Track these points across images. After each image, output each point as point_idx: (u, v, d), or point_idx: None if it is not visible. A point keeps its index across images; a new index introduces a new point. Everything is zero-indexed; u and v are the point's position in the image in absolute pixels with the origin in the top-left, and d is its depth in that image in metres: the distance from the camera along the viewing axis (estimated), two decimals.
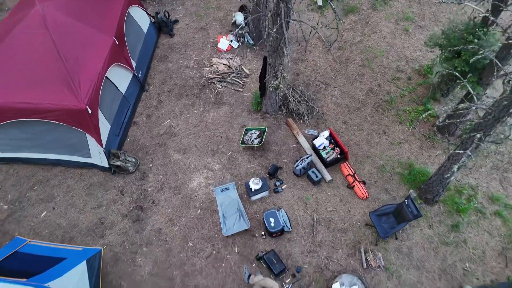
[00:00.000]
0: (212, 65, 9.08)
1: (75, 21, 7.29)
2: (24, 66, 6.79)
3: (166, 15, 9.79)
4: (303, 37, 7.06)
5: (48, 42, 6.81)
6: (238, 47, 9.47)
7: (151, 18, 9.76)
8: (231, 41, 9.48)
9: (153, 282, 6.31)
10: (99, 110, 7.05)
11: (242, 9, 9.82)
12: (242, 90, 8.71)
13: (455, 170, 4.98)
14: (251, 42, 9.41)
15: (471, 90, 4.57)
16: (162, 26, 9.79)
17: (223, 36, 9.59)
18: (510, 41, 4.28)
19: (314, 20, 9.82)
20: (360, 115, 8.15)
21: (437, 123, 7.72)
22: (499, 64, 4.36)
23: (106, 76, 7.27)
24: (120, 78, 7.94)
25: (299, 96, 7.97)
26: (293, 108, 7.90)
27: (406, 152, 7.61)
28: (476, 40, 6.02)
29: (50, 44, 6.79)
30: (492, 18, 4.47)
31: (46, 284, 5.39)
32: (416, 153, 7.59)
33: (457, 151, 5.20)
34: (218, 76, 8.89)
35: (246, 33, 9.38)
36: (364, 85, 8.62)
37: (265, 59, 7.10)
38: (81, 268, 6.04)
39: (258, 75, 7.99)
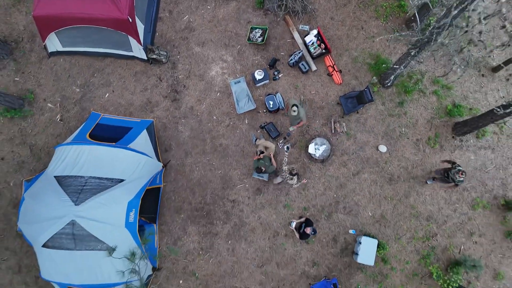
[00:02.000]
0: None
1: None
2: None
3: None
4: None
5: None
6: None
7: None
8: None
9: (192, 142, 9.55)
10: (135, 16, 8.94)
11: None
12: None
13: (403, 68, 7.30)
14: None
15: None
16: None
17: None
18: None
19: None
20: (345, 11, 9.88)
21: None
22: None
23: None
24: None
25: None
26: (290, 6, 9.59)
27: (376, 45, 9.72)
28: None
29: None
30: None
31: (128, 146, 8.59)
32: (384, 46, 9.72)
33: (410, 50, 7.37)
34: None
35: None
36: None
37: None
38: (144, 134, 9.14)
39: None
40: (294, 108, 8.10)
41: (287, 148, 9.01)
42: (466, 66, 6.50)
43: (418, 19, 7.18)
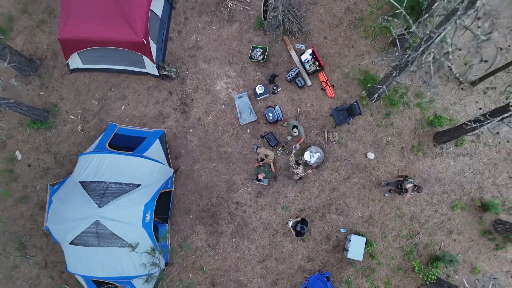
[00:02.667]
0: None
1: None
2: (97, 8, 9.40)
3: None
4: None
5: None
6: None
7: None
8: None
9: (199, 150, 10.61)
10: (149, 38, 10.01)
11: None
12: (249, 8, 11.19)
13: (385, 87, 8.36)
14: None
15: (407, 16, 7.19)
16: None
17: None
18: None
19: None
20: (337, 31, 10.93)
21: (391, 39, 10.60)
22: None
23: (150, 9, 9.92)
24: (156, 4, 10.45)
25: (292, 17, 10.58)
26: (287, 27, 10.64)
27: (365, 62, 10.78)
28: None
29: None
30: None
31: (144, 154, 9.65)
32: (372, 63, 10.77)
33: (396, 66, 8.37)
34: None
35: None
36: (344, 3, 11.02)
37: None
38: (157, 143, 10.21)
39: None
40: (295, 129, 9.21)
41: (295, 147, 9.87)
42: (436, 88, 7.52)
43: (398, 45, 8.23)
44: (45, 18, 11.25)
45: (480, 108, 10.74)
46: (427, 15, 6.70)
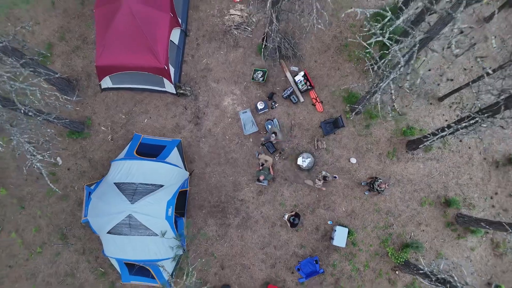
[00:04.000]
0: (230, 15, 13.33)
1: (147, 6, 11.50)
2: (127, 41, 11.47)
3: None
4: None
5: (136, 24, 11.30)
6: None
7: None
8: None
9: (210, 156, 12.71)
10: (169, 64, 12.09)
11: None
12: (251, 36, 13.24)
13: (361, 108, 10.45)
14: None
15: (386, 41, 9.25)
16: None
17: None
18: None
19: None
20: (325, 56, 12.99)
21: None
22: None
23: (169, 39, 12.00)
24: (174, 35, 12.52)
25: (287, 44, 12.63)
26: (283, 53, 12.69)
27: (349, 82, 12.82)
28: None
29: (137, 26, 11.31)
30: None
31: (165, 160, 11.73)
32: (355, 82, 12.82)
33: (373, 87, 10.45)
34: (234, 24, 13.27)
35: None
36: (331, 32, 13.08)
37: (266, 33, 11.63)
38: (175, 151, 12.28)
39: (262, 23, 12.46)
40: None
41: (335, 176, 11.99)
42: (396, 113, 9.57)
43: (371, 73, 10.29)
44: (80, 45, 13.35)
45: (446, 120, 12.79)
46: (386, 60, 8.74)
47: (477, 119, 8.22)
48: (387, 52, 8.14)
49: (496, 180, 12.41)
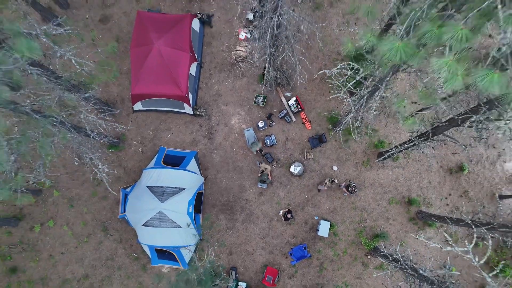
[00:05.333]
0: (236, 50, 16.51)
1: (172, 48, 14.70)
2: (156, 74, 14.69)
3: (205, 16, 16.50)
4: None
5: (164, 62, 14.52)
6: (250, 36, 16.59)
7: (198, 14, 16.52)
8: (246, 33, 16.54)
9: (220, 164, 15.90)
10: (188, 92, 15.29)
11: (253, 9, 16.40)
12: (254, 68, 16.40)
13: (337, 129, 13.59)
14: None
15: (344, 95, 12.64)
16: (205, 21, 16.64)
17: (242, 30, 16.58)
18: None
19: None
20: (313, 84, 16.14)
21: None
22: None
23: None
24: (192, 68, 15.71)
25: (282, 75, 15.77)
26: (279, 82, 15.83)
27: (332, 104, 15.96)
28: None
29: (165, 64, 14.52)
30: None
31: (186, 168, 14.92)
32: (338, 105, 15.95)
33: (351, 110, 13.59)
34: (240, 58, 16.45)
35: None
36: (318, 65, 16.23)
37: (264, 68, 14.81)
38: (193, 160, 15.48)
39: (263, 58, 15.63)
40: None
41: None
42: (368, 131, 12.74)
43: (351, 104, 13.42)
44: (116, 75, 16.58)
45: (410, 135, 15.89)
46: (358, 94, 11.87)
47: (415, 142, 11.36)
48: (355, 89, 11.36)
49: (450, 184, 15.52)
